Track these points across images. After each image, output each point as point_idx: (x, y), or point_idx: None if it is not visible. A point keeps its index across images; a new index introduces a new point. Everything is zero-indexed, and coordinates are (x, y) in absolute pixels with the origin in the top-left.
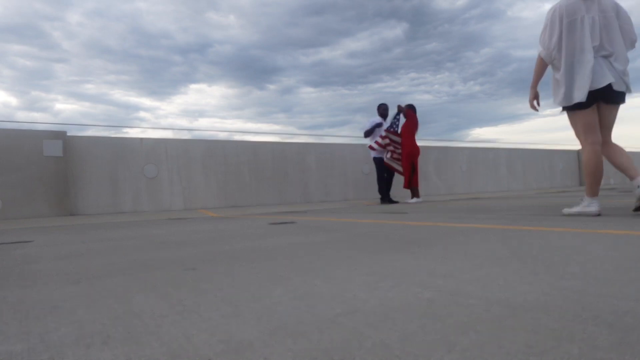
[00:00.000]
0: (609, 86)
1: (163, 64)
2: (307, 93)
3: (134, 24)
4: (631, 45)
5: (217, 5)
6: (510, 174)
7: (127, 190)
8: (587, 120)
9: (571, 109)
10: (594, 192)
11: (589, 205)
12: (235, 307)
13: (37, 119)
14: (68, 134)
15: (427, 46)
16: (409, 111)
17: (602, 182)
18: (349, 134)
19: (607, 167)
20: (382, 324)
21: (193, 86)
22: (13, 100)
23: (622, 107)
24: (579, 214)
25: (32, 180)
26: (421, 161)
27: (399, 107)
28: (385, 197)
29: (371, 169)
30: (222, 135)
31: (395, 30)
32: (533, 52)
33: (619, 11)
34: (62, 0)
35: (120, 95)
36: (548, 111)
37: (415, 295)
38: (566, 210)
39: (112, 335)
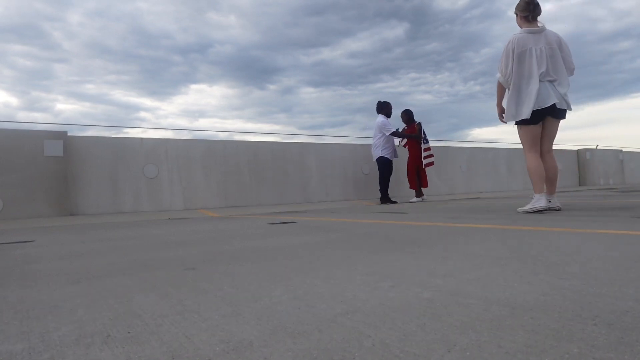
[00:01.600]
0: (553, 105)
1: (163, 64)
2: (308, 93)
3: (134, 24)
4: (570, 72)
5: (217, 5)
6: (510, 174)
7: (127, 190)
8: (533, 133)
9: (521, 123)
10: (539, 189)
11: (537, 201)
12: (235, 307)
13: (38, 119)
14: (69, 134)
15: (428, 46)
16: (410, 119)
17: (602, 182)
18: (349, 134)
19: (607, 167)
20: (382, 323)
21: (193, 86)
22: (13, 101)
23: (622, 107)
24: (531, 211)
25: (32, 180)
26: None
27: (419, 123)
28: (386, 196)
29: (371, 169)
30: (222, 135)
31: (396, 30)
32: None
33: (561, 44)
34: (63, 1)
35: (120, 95)
36: None
37: (415, 295)
38: (520, 209)
39: (112, 335)
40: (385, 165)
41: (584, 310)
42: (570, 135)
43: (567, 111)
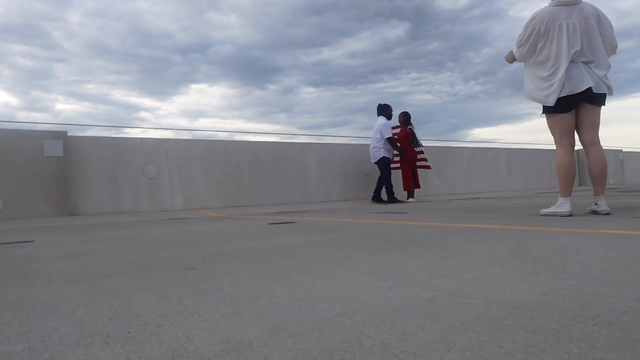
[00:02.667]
0: (589, 90)
1: (163, 64)
2: (308, 93)
3: (134, 24)
4: (612, 51)
5: (217, 5)
6: (510, 174)
7: (127, 190)
8: (564, 123)
9: (549, 112)
10: (565, 192)
11: (561, 206)
12: (235, 307)
13: (38, 119)
14: (69, 134)
15: (428, 46)
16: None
17: None
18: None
19: (607, 167)
20: (382, 323)
21: (194, 86)
22: (14, 101)
23: (622, 107)
24: (553, 214)
25: (32, 180)
26: None
27: (410, 128)
28: (392, 196)
29: (371, 169)
30: (222, 135)
31: (397, 30)
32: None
33: (600, 18)
34: (63, 0)
35: (120, 95)
36: None
37: (415, 295)
38: (542, 211)
39: (112, 335)
40: (388, 166)
41: (584, 310)
42: None
43: (608, 96)
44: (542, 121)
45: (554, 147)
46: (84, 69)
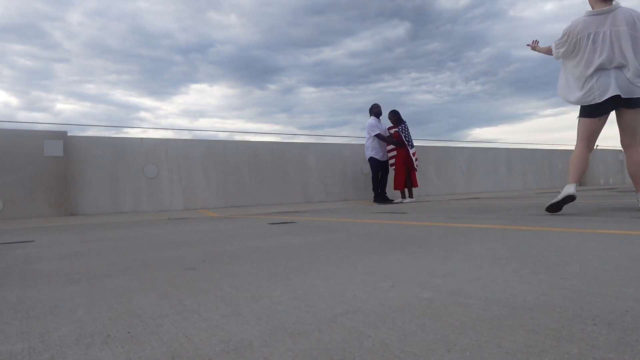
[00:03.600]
0: (618, 96)
1: (164, 63)
2: (308, 93)
3: (134, 24)
4: None
5: (218, 4)
6: (510, 174)
7: (127, 190)
8: (589, 128)
9: (582, 116)
10: (572, 179)
11: (566, 189)
12: (235, 307)
13: (38, 119)
14: (69, 134)
15: (429, 46)
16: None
17: (602, 182)
18: (350, 133)
19: (607, 167)
20: (382, 323)
21: (194, 86)
22: (14, 100)
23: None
24: (562, 199)
25: (32, 180)
26: (421, 161)
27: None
28: (379, 195)
29: (369, 169)
30: (223, 135)
31: (398, 30)
32: (534, 52)
33: (635, 23)
34: (63, 0)
35: (120, 95)
36: (548, 111)
37: (415, 295)
38: (551, 203)
39: (112, 335)
40: (374, 166)
41: (584, 310)
42: (570, 135)
43: None
44: (542, 121)
45: (554, 147)
46: (84, 68)
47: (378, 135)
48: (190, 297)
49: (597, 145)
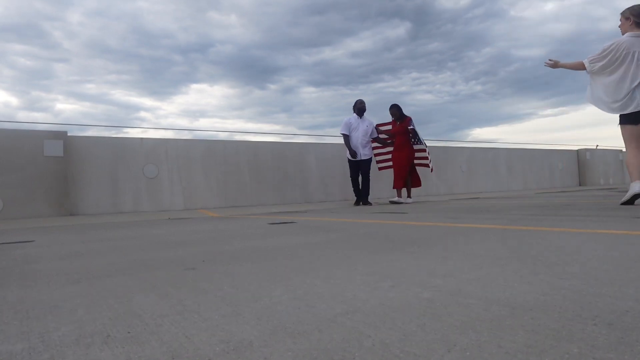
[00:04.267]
0: None
1: (164, 63)
2: (308, 93)
3: (134, 24)
4: None
5: (218, 4)
6: (510, 174)
7: (127, 190)
8: (631, 132)
9: (622, 123)
10: (634, 177)
11: (632, 188)
12: (235, 307)
13: (38, 119)
14: (69, 134)
15: (430, 46)
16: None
17: (602, 182)
18: None
19: (607, 167)
20: (382, 323)
21: (194, 86)
22: (13, 100)
23: None
24: (631, 197)
25: (32, 180)
26: None
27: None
28: (357, 198)
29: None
30: (223, 135)
31: (398, 30)
32: (535, 52)
33: None
34: (63, 0)
35: (120, 95)
36: (548, 111)
37: (415, 295)
38: (622, 201)
39: (112, 335)
40: (349, 165)
41: (584, 310)
42: (570, 135)
43: None
44: (542, 121)
45: (554, 148)
46: (84, 68)
47: (344, 135)
48: (190, 297)
49: (597, 145)
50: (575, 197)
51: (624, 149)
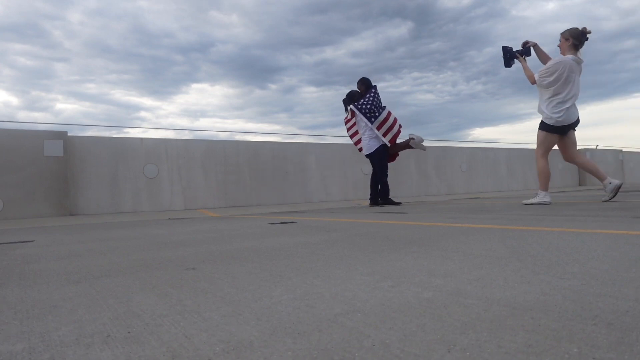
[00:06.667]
0: (578, 119)
1: (164, 63)
2: (309, 92)
3: (135, 23)
4: None
5: (219, 3)
6: (510, 174)
7: (127, 190)
8: (551, 141)
9: (546, 130)
10: (545, 187)
11: (544, 197)
12: (235, 307)
13: (38, 119)
14: (69, 134)
15: (431, 45)
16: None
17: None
18: None
19: (607, 167)
20: (382, 323)
21: (195, 86)
22: (14, 100)
23: (624, 107)
24: (538, 204)
25: (32, 180)
26: (421, 161)
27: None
28: (387, 196)
29: (370, 170)
30: (223, 135)
31: (400, 30)
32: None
33: (581, 71)
34: None
35: (121, 95)
36: None
37: (415, 295)
38: (525, 201)
39: (112, 334)
40: (386, 158)
41: (584, 310)
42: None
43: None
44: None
45: (554, 148)
46: (85, 68)
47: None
48: (190, 297)
49: (597, 145)
50: (575, 197)
51: (624, 149)
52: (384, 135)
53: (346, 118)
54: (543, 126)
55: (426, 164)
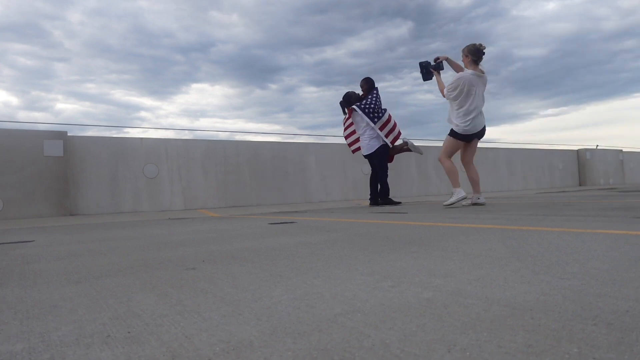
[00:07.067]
0: (483, 128)
1: (165, 63)
2: (309, 92)
3: (135, 23)
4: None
5: (219, 3)
6: (510, 174)
7: (127, 190)
8: (456, 147)
9: (455, 137)
10: (457, 184)
11: (459, 193)
12: (235, 307)
13: (38, 119)
14: (69, 133)
15: (432, 45)
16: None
17: (602, 182)
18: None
19: (607, 167)
20: (382, 323)
21: (195, 85)
22: (14, 100)
23: (624, 107)
24: (457, 201)
25: (32, 180)
26: (421, 161)
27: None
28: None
29: (370, 170)
30: (223, 135)
31: (400, 29)
32: (536, 51)
33: (486, 82)
34: None
35: (121, 95)
36: (549, 111)
37: (415, 295)
38: (445, 203)
39: (112, 334)
40: (386, 158)
41: (584, 310)
42: (570, 135)
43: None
44: (543, 121)
45: (554, 148)
46: (85, 68)
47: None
48: (190, 297)
49: (597, 145)
50: (575, 197)
51: (624, 149)
52: (386, 136)
53: (345, 119)
54: (452, 133)
55: (426, 164)
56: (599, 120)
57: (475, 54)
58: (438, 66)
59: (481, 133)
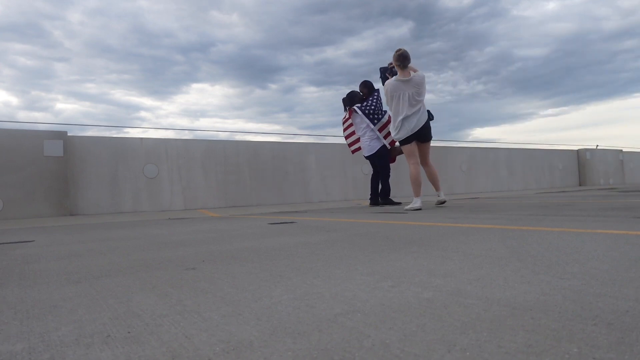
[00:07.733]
0: (422, 129)
1: (165, 63)
2: (310, 92)
3: (135, 23)
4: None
5: (219, 3)
6: (510, 174)
7: (127, 190)
8: (409, 149)
9: (402, 143)
10: (417, 193)
11: (415, 203)
12: (235, 307)
13: (38, 119)
14: (69, 133)
15: (432, 45)
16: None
17: (602, 182)
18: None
19: (607, 167)
20: (382, 323)
21: (195, 85)
22: (14, 100)
23: (624, 106)
24: (412, 209)
25: (32, 180)
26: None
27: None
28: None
29: (370, 170)
30: (223, 135)
31: (401, 29)
32: (536, 51)
33: (422, 84)
34: None
35: (121, 94)
36: (549, 111)
37: (415, 295)
38: (406, 208)
39: (112, 334)
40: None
41: (584, 310)
42: (570, 135)
43: (431, 131)
44: (543, 121)
45: (554, 148)
46: (85, 68)
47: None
48: (190, 297)
49: (597, 145)
50: (575, 197)
51: (624, 149)
52: (385, 137)
53: (344, 118)
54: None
55: None
56: (599, 120)
57: (398, 59)
58: (392, 71)
59: (421, 134)
